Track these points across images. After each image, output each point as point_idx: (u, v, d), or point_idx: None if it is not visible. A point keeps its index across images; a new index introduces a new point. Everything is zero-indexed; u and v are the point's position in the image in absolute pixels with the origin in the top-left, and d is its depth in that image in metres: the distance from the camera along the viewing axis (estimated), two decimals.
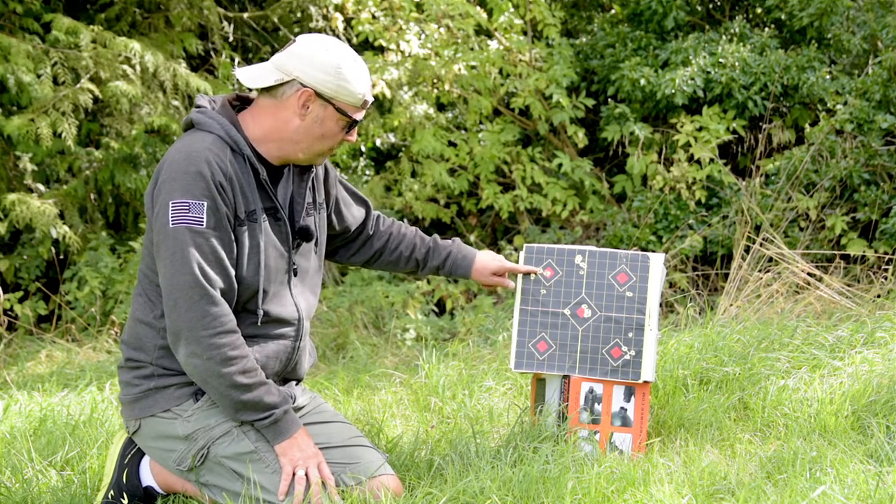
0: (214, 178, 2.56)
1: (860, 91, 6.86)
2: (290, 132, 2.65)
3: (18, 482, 2.98)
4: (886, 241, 6.32)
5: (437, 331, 6.12)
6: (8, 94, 6.52)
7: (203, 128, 2.65)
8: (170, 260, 2.54)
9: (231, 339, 2.54)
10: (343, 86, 2.61)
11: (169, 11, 7.37)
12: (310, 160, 2.72)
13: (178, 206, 2.54)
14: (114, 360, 5.48)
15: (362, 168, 8.17)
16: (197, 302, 2.52)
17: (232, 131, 2.64)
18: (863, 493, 2.50)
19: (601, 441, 3.02)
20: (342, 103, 2.63)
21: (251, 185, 2.65)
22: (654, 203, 6.95)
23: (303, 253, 2.79)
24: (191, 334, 2.52)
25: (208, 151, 2.57)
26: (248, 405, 2.56)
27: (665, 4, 7.50)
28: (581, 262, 3.10)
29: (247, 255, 2.63)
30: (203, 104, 2.70)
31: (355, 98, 2.64)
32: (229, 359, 2.53)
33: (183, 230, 2.53)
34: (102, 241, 6.74)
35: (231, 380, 2.53)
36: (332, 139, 2.68)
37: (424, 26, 7.38)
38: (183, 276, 2.52)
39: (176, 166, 2.57)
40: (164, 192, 2.56)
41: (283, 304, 2.72)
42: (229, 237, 2.60)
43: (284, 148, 2.68)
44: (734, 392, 3.52)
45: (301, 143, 2.66)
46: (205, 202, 2.54)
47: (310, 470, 2.57)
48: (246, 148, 2.64)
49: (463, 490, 2.60)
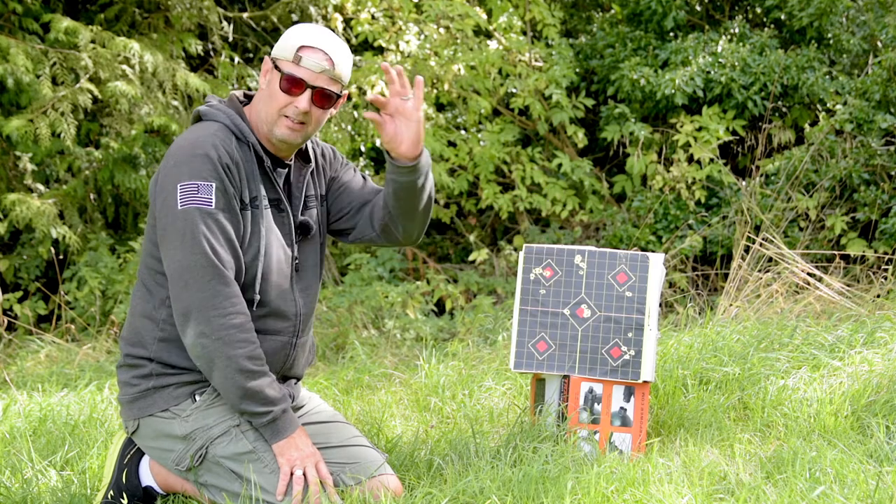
0: (221, 160, 2.57)
1: (860, 91, 6.86)
2: (258, 105, 2.68)
3: (18, 482, 2.98)
4: (886, 241, 6.32)
5: (437, 331, 6.12)
6: (7, 95, 6.52)
7: (210, 118, 2.68)
8: (179, 241, 2.53)
9: (241, 321, 2.54)
10: (282, 42, 2.65)
11: (168, 11, 7.36)
12: (274, 133, 2.66)
13: (186, 187, 2.54)
14: (113, 360, 5.48)
15: (362, 168, 8.17)
16: (209, 282, 2.51)
17: (237, 120, 2.66)
18: (863, 493, 2.50)
19: (601, 441, 3.02)
20: (279, 59, 2.65)
21: (255, 173, 2.66)
22: (653, 203, 6.95)
23: (305, 249, 2.79)
24: (201, 314, 2.51)
25: (214, 136, 2.60)
26: (250, 393, 2.54)
27: (665, 4, 7.50)
28: (581, 262, 3.10)
29: (248, 241, 2.63)
30: (211, 100, 2.74)
31: (287, 51, 2.63)
32: (238, 341, 2.52)
33: (192, 211, 2.53)
34: (102, 241, 6.74)
35: (238, 363, 2.52)
36: (276, 100, 2.63)
37: (424, 27, 7.38)
38: (194, 255, 2.51)
39: (181, 152, 2.58)
40: (170, 177, 2.56)
41: (284, 297, 2.72)
42: (237, 219, 2.60)
43: (260, 128, 2.68)
44: (734, 392, 3.52)
45: (261, 112, 2.67)
46: (213, 183, 2.55)
47: (308, 470, 2.57)
48: (251, 136, 2.66)
49: (463, 490, 2.60)
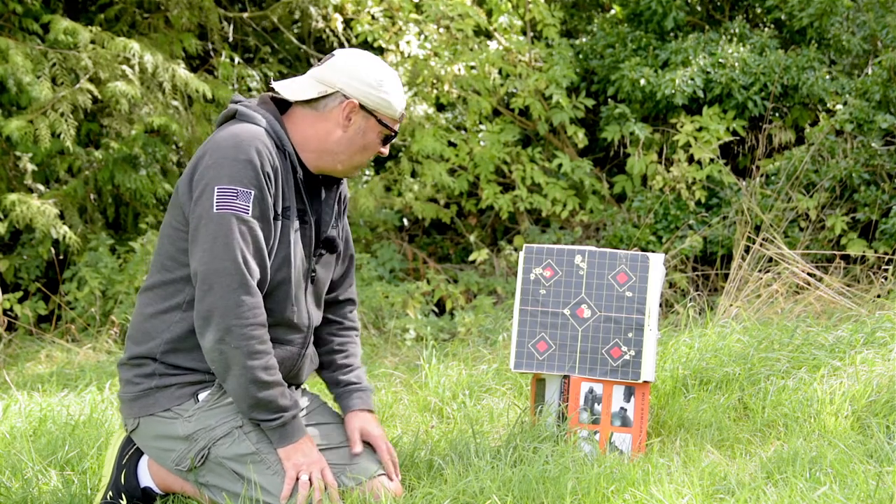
0: (263, 167, 2.56)
1: (860, 91, 6.86)
2: (331, 143, 2.69)
3: (18, 482, 2.98)
4: (886, 241, 6.32)
5: (437, 331, 6.12)
6: (7, 95, 6.52)
7: (248, 119, 2.66)
8: (210, 244, 2.51)
9: (260, 333, 2.54)
10: (385, 98, 2.68)
11: (168, 11, 7.37)
12: (347, 172, 2.76)
13: (224, 191, 2.52)
14: (113, 361, 5.48)
15: (362, 168, 8.16)
16: (235, 289, 2.50)
17: (277, 127, 2.66)
18: (863, 493, 2.49)
19: (601, 441, 3.02)
20: (383, 116, 2.70)
21: (290, 183, 2.66)
22: (654, 203, 6.95)
23: (323, 263, 2.80)
24: (222, 321, 2.50)
25: (258, 141, 2.58)
26: (262, 403, 2.55)
27: (665, 4, 7.50)
28: (581, 263, 3.10)
29: (275, 251, 2.63)
30: (241, 99, 2.72)
31: (394, 111, 2.71)
32: (256, 352, 2.52)
33: (228, 216, 2.51)
34: (102, 242, 6.74)
35: (253, 374, 2.52)
36: (372, 150, 2.74)
37: (424, 27, 7.38)
38: (224, 261, 2.50)
39: (223, 153, 2.55)
40: (208, 176, 2.54)
41: (299, 309, 2.72)
42: (270, 229, 2.60)
43: (323, 158, 2.71)
44: (734, 392, 3.53)
45: (341, 153, 2.71)
46: (252, 191, 2.54)
47: (313, 475, 2.57)
48: (289, 145, 2.67)
49: (463, 490, 2.59)
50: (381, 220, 7.63)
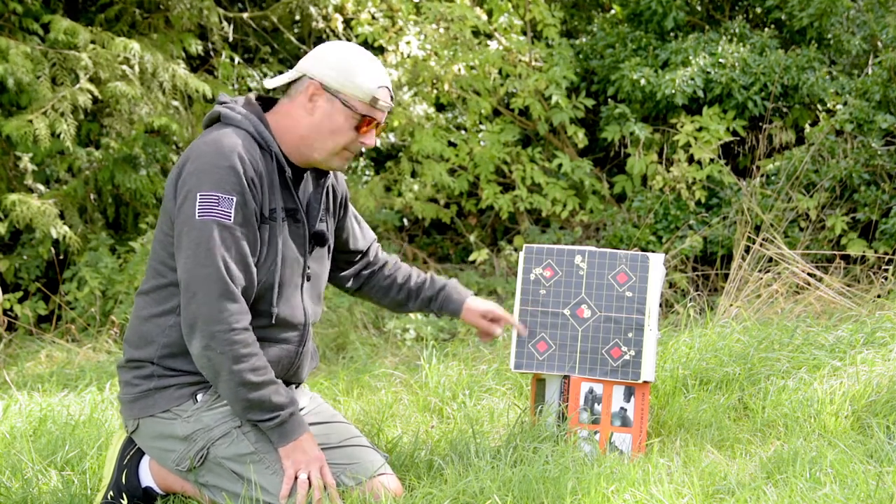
0: (246, 173, 2.55)
1: (860, 91, 6.86)
2: (302, 129, 2.67)
3: (18, 482, 2.98)
4: (886, 241, 6.32)
5: (437, 331, 6.12)
6: (7, 95, 6.52)
7: (232, 123, 2.65)
8: (193, 251, 2.51)
9: (244, 337, 2.53)
10: (350, 79, 2.63)
11: (169, 12, 7.36)
12: (326, 161, 2.71)
13: (206, 198, 2.51)
14: (113, 361, 5.48)
15: (362, 168, 8.17)
16: (217, 297, 2.50)
17: (261, 128, 2.65)
18: (863, 493, 2.49)
19: (601, 441, 3.01)
20: (348, 96, 2.64)
21: (275, 183, 2.65)
22: (654, 203, 6.95)
23: (315, 258, 2.80)
24: (206, 328, 2.50)
25: (240, 147, 2.57)
26: (256, 404, 2.55)
27: (665, 4, 7.50)
28: (581, 263, 3.10)
29: (265, 254, 2.63)
30: (227, 100, 2.71)
31: (362, 92, 2.64)
32: (241, 356, 2.52)
33: (210, 223, 2.51)
34: (102, 242, 6.74)
35: (241, 377, 2.52)
36: (342, 135, 2.67)
37: (423, 27, 7.38)
38: (205, 268, 2.50)
39: (206, 158, 2.55)
40: (190, 183, 2.53)
41: (293, 307, 2.72)
42: (255, 235, 2.59)
43: (301, 149, 2.69)
44: (734, 392, 3.53)
45: (314, 141, 2.67)
46: (234, 197, 2.53)
47: (312, 473, 2.56)
48: (274, 145, 2.65)
49: (463, 490, 2.59)
50: (381, 220, 7.63)
